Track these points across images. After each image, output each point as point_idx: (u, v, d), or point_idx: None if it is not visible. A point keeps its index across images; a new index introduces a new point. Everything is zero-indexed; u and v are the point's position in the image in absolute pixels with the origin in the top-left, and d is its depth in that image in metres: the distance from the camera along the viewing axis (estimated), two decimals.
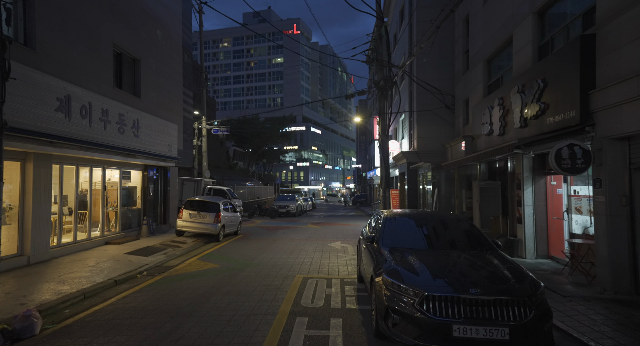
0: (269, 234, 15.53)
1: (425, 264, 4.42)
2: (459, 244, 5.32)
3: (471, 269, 4.40)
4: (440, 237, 5.56)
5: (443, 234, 5.62)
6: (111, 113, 9.83)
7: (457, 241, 5.42)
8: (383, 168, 15.81)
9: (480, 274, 4.21)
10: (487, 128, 10.53)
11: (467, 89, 13.45)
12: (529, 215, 8.95)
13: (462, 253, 4.93)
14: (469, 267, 4.47)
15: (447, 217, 6.14)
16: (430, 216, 6.21)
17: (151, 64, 12.53)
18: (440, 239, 5.49)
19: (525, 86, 8.30)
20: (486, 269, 4.32)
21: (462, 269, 4.41)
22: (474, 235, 5.49)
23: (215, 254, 10.82)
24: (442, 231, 5.72)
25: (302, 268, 8.75)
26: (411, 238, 5.42)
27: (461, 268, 4.47)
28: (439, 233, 5.68)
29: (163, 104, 13.37)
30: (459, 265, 4.56)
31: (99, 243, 11.00)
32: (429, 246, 5.27)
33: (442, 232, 5.69)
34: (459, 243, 5.37)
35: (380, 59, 15.69)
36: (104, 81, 9.77)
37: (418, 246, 5.23)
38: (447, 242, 5.41)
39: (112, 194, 12.47)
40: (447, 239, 5.50)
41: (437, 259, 4.70)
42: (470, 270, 4.37)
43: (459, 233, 5.63)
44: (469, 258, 4.73)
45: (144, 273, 8.53)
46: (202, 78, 24.79)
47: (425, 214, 6.36)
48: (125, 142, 10.61)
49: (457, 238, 5.51)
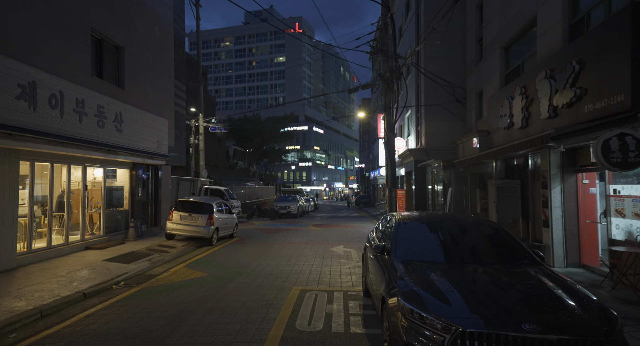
0: (266, 237, 14.52)
1: (454, 286, 3.38)
2: (491, 257, 4.27)
3: (517, 293, 3.35)
4: (467, 247, 4.51)
5: (469, 243, 4.57)
6: (88, 104, 8.85)
7: (489, 252, 4.38)
8: (389, 167, 14.77)
9: (531, 300, 3.16)
10: (506, 121, 9.48)
11: (481, 81, 12.39)
12: (557, 218, 7.89)
13: (498, 269, 3.89)
14: (513, 290, 3.41)
15: (471, 221, 5.09)
16: (451, 220, 5.17)
17: (137, 54, 11.54)
18: (466, 250, 4.43)
19: (554, 70, 7.25)
20: (537, 294, 3.26)
21: (505, 294, 3.35)
22: (508, 244, 4.45)
23: (205, 260, 9.81)
24: (468, 239, 4.67)
25: (300, 278, 7.72)
26: (431, 248, 4.39)
27: (502, 291, 3.41)
28: (465, 241, 4.64)
29: (151, 98, 12.38)
30: (498, 287, 3.50)
31: (79, 248, 10.02)
32: (453, 258, 4.22)
33: (468, 240, 4.64)
34: (491, 254, 4.32)
35: (386, 49, 14.67)
36: (80, 69, 8.78)
37: (440, 258, 4.20)
38: (476, 253, 4.36)
39: (96, 195, 11.50)
40: (475, 249, 4.45)
41: (468, 278, 3.67)
42: (516, 295, 3.31)
43: (489, 241, 4.59)
44: (510, 277, 3.68)
45: (121, 283, 7.53)
46: (199, 74, 23.85)
47: (444, 218, 5.32)
48: (106, 137, 9.62)
49: (487, 247, 4.47)
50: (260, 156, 47.36)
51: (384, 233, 5.53)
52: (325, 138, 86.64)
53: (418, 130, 17.39)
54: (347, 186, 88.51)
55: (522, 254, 4.28)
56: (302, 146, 77.57)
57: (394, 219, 5.24)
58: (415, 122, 17.81)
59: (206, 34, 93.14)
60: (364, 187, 53.92)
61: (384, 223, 5.98)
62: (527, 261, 4.15)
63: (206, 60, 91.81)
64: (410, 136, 19.46)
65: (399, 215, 5.42)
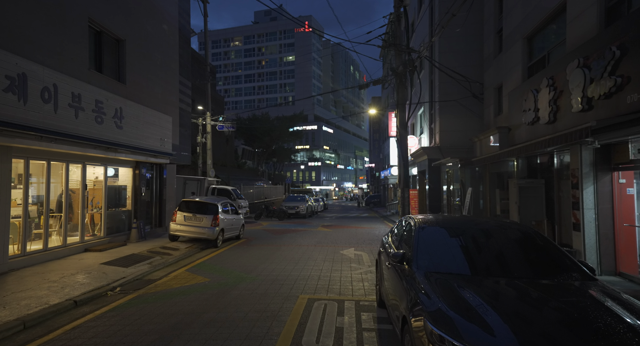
0: (274, 238, 13.99)
1: (494, 307, 2.77)
2: (531, 269, 3.64)
3: (578, 317, 2.69)
4: (501, 257, 3.87)
5: (504, 252, 3.94)
6: (85, 99, 8.40)
7: (528, 263, 3.75)
8: (401, 166, 14.12)
9: (598, 330, 2.52)
10: (531, 116, 8.78)
11: (501, 74, 11.67)
12: (589, 221, 7.18)
13: (544, 286, 3.26)
14: (571, 316, 2.74)
15: (503, 226, 4.46)
16: (478, 224, 4.54)
17: (139, 48, 11.09)
18: (501, 261, 3.80)
19: (589, 58, 6.56)
20: (604, 322, 2.62)
21: (560, 319, 2.71)
22: (550, 254, 3.81)
23: (208, 264, 9.31)
24: (501, 246, 4.04)
25: (308, 285, 7.15)
26: (458, 258, 3.78)
27: (556, 317, 2.74)
28: (498, 250, 4.00)
29: (154, 93, 11.93)
30: (549, 311, 2.84)
31: (77, 250, 9.60)
32: (486, 271, 3.60)
33: (501, 248, 4.01)
34: (531, 266, 3.69)
35: (399, 43, 14.02)
36: (76, 62, 8.34)
37: (471, 270, 3.58)
38: (513, 265, 3.73)
39: (97, 195, 11.10)
40: (511, 260, 3.82)
41: (509, 298, 3.05)
42: (577, 320, 2.66)
43: (527, 250, 3.96)
44: (561, 297, 3.03)
45: (117, 289, 7.05)
46: (206, 71, 23.46)
47: (471, 222, 4.70)
48: (105, 134, 9.17)
49: (526, 258, 3.84)
50: (269, 155, 46.93)
51: (401, 238, 4.92)
52: (335, 138, 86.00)
53: (432, 128, 16.69)
54: (356, 186, 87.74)
55: (567, 265, 3.64)
56: (311, 145, 77.05)
57: (413, 223, 4.63)
58: (428, 119, 17.11)
59: (216, 34, 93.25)
60: (373, 187, 53.18)
61: (401, 227, 5.38)
62: (575, 274, 3.51)
63: (216, 60, 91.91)
64: (423, 134, 18.76)
65: (418, 218, 4.81)
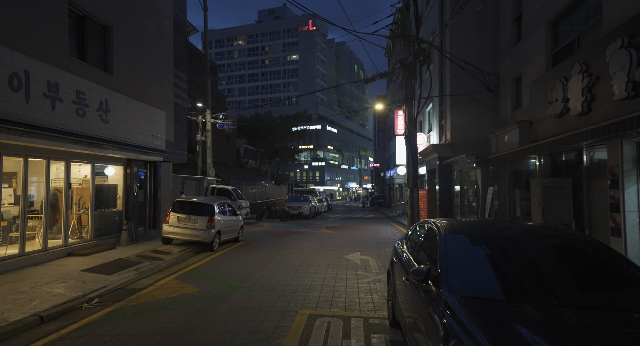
0: (274, 241, 13.16)
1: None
2: (610, 296, 2.78)
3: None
4: (568, 277, 2.97)
5: (570, 270, 3.03)
6: (64, 89, 7.61)
7: (605, 285, 2.89)
8: (410, 164, 13.26)
9: None
10: (559, 107, 7.89)
11: (519, 64, 10.77)
12: (632, 225, 6.28)
13: (625, 317, 2.39)
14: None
15: (554, 235, 3.59)
16: (520, 231, 3.68)
17: (129, 36, 10.30)
18: (569, 282, 2.91)
19: (635, 36, 5.67)
20: None
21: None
22: (629, 273, 2.94)
23: (200, 270, 8.49)
24: (564, 262, 3.14)
25: (309, 297, 6.31)
26: (504, 278, 2.91)
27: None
28: (560, 266, 3.10)
29: (145, 86, 11.13)
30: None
31: (59, 254, 8.81)
32: (549, 297, 2.72)
33: (565, 265, 3.10)
34: (609, 292, 2.83)
35: (407, 33, 13.15)
36: (54, 48, 7.55)
37: (524, 296, 2.72)
38: (586, 288, 2.86)
39: (85, 194, 10.32)
40: (582, 281, 2.94)
41: (587, 340, 2.18)
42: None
43: (596, 267, 3.10)
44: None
45: (94, 301, 6.25)
46: (206, 67, 22.68)
47: (512, 229, 3.83)
48: (88, 128, 8.38)
49: (599, 278, 2.98)
50: (272, 155, 46.13)
51: (421, 247, 4.06)
52: (339, 137, 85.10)
53: (442, 124, 15.79)
54: (360, 186, 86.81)
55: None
56: (315, 145, 76.21)
57: (437, 229, 3.76)
58: (438, 115, 16.22)
59: (219, 33, 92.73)
60: (378, 187, 52.26)
61: (419, 234, 4.52)
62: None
63: (219, 59, 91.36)
64: (432, 131, 17.87)
65: (441, 223, 3.94)
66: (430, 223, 4.24)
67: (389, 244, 12.50)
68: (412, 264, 3.88)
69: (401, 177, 30.63)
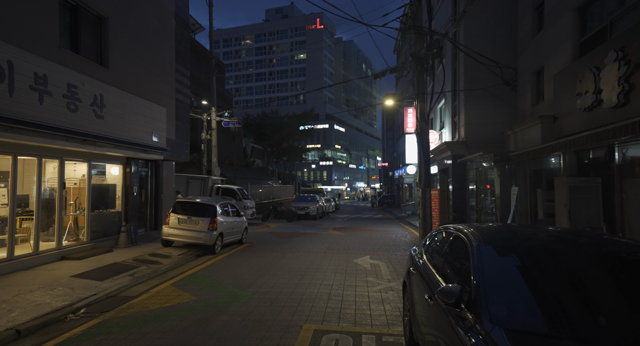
0: (280, 243, 12.61)
1: None
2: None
3: None
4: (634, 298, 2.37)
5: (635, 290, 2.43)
6: (53, 82, 7.12)
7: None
8: (422, 163, 12.59)
9: None
10: (590, 99, 7.20)
11: (541, 55, 10.07)
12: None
13: None
14: None
15: (608, 241, 2.95)
16: (574, 239, 3.05)
17: (127, 28, 9.80)
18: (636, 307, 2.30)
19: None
20: None
21: None
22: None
23: (200, 276, 7.96)
24: (628, 280, 2.52)
25: (315, 308, 5.73)
26: (566, 304, 2.29)
27: None
28: (622, 285, 2.49)
29: (144, 81, 10.63)
30: None
31: (52, 258, 8.35)
32: (618, 330, 2.11)
33: (630, 284, 2.49)
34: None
35: (419, 25, 12.49)
36: (43, 38, 7.07)
37: (587, 329, 2.10)
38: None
39: (82, 194, 9.87)
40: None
41: None
42: None
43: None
44: None
45: (81, 311, 5.75)
46: (211, 64, 22.23)
47: (558, 236, 3.20)
48: (80, 124, 7.89)
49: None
50: (280, 154, 45.65)
51: (446, 259, 3.45)
52: (347, 136, 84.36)
53: (455, 121, 15.10)
54: (368, 186, 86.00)
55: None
56: (322, 144, 75.59)
57: (465, 238, 3.15)
58: (450, 112, 15.52)
59: (227, 33, 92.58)
60: (387, 187, 51.51)
61: (440, 242, 3.90)
62: None
63: (227, 58, 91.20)
64: (444, 128, 17.17)
65: (469, 230, 3.32)
66: (455, 229, 3.63)
67: (400, 247, 11.88)
68: (435, 279, 3.27)
69: (410, 176, 29.88)
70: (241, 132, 37.03)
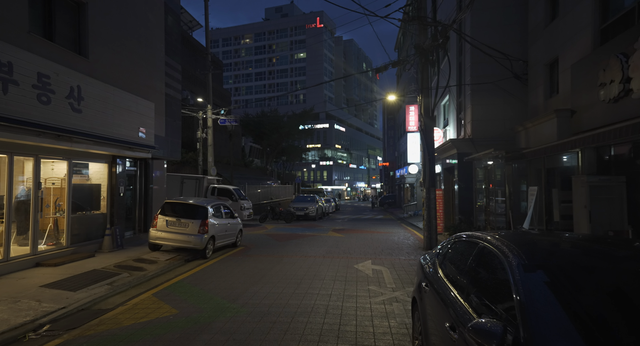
0: (276, 246, 11.92)
1: None
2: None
3: None
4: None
5: None
6: (20, 70, 6.43)
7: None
8: (426, 161, 11.90)
9: None
10: (616, 89, 6.50)
11: (556, 45, 9.36)
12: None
13: None
14: None
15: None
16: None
17: (109, 15, 9.11)
18: None
19: None
20: None
21: None
22: None
23: (186, 284, 7.27)
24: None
25: (311, 324, 5.03)
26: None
27: None
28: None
29: (130, 73, 9.94)
30: None
31: (25, 264, 7.66)
32: None
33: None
34: None
35: (424, 16, 11.80)
36: (8, 21, 6.39)
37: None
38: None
39: (62, 195, 9.18)
40: None
41: None
42: None
43: None
44: None
45: (45, 328, 5.06)
46: (207, 60, 21.55)
47: (625, 253, 2.51)
48: (53, 118, 7.20)
49: None
50: (279, 153, 44.94)
51: (472, 279, 2.73)
52: (347, 136, 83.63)
53: (460, 117, 14.39)
54: (369, 186, 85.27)
55: None
56: (322, 144, 74.86)
57: (500, 254, 2.44)
58: (456, 108, 14.82)
59: (226, 32, 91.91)
60: (388, 187, 50.77)
61: (463, 254, 3.18)
62: None
63: (226, 57, 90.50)
64: (448, 126, 16.47)
65: (502, 242, 2.61)
66: (481, 238, 2.92)
67: (403, 251, 11.18)
68: (459, 304, 2.57)
69: (412, 176, 29.15)
70: (239, 132, 36.33)
